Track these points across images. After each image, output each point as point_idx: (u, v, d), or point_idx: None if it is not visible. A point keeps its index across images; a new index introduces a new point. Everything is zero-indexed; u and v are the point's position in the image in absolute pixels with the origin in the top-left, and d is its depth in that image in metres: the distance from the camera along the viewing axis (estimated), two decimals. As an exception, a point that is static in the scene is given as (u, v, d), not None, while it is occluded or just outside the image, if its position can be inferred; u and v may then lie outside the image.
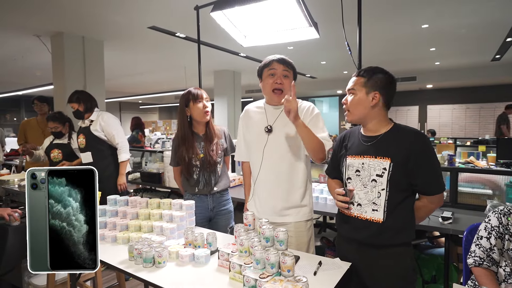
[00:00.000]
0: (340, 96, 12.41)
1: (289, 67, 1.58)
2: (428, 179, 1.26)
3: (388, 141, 1.30)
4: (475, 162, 3.60)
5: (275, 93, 1.58)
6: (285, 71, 1.57)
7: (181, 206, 1.67)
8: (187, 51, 5.67)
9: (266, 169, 1.60)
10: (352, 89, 1.33)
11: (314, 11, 3.58)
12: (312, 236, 1.66)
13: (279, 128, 1.58)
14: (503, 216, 1.34)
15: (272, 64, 1.57)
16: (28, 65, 6.39)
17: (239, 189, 3.15)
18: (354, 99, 1.32)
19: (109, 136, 2.71)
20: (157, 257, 1.30)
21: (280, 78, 1.56)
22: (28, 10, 3.67)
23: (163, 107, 17.06)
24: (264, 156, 1.59)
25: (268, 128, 1.59)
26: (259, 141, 1.61)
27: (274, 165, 1.58)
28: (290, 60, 1.60)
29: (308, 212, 1.62)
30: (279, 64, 1.56)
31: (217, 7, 1.90)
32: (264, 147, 1.59)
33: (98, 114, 2.75)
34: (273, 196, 1.59)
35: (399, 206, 1.27)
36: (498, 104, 9.79)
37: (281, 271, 1.11)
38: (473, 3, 3.72)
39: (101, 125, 2.69)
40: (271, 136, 1.58)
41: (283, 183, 1.57)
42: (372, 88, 1.29)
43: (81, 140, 2.72)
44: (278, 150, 1.57)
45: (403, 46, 5.82)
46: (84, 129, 2.73)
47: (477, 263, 1.33)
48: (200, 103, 1.87)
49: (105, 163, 2.71)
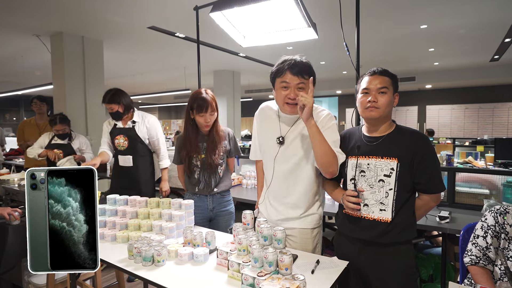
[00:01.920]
0: (340, 96, 12.42)
1: (305, 76, 1.38)
2: (431, 178, 1.30)
3: (393, 142, 1.33)
4: (473, 162, 3.61)
5: (288, 105, 1.43)
6: (300, 84, 1.38)
7: (180, 205, 1.68)
8: (187, 51, 5.68)
9: (278, 178, 1.54)
10: (385, 88, 1.33)
11: (313, 11, 3.59)
12: (319, 244, 1.59)
13: (291, 139, 1.50)
14: (499, 215, 1.36)
15: (285, 75, 1.38)
16: (27, 64, 6.40)
17: (238, 189, 3.16)
18: (387, 98, 1.33)
19: (153, 139, 2.59)
20: (156, 256, 1.32)
21: (293, 92, 1.38)
22: (27, 10, 3.67)
23: (163, 107, 17.05)
24: (275, 166, 1.54)
25: (280, 140, 1.51)
26: (271, 150, 1.55)
27: (285, 175, 1.52)
28: (308, 64, 1.40)
29: (316, 220, 1.54)
30: (292, 76, 1.37)
31: (216, 8, 1.91)
32: (275, 157, 1.53)
33: (140, 115, 2.61)
34: (283, 204, 1.53)
35: (405, 205, 1.32)
36: (496, 104, 9.82)
37: (279, 269, 1.12)
38: (472, 4, 3.73)
39: (146, 127, 2.56)
40: (282, 148, 1.51)
41: (294, 193, 1.51)
42: (395, 89, 1.37)
43: (121, 141, 2.53)
44: (289, 161, 1.50)
45: (402, 47, 5.84)
46: (126, 130, 2.55)
47: (473, 262, 1.35)
48: (202, 117, 1.83)
49: (145, 166, 2.60)
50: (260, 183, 1.74)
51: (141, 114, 2.62)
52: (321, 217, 1.57)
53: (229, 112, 8.13)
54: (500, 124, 9.55)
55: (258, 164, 1.74)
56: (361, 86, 1.39)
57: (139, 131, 2.54)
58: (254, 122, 1.72)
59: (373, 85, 1.34)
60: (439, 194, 1.35)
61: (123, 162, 2.55)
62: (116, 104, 2.47)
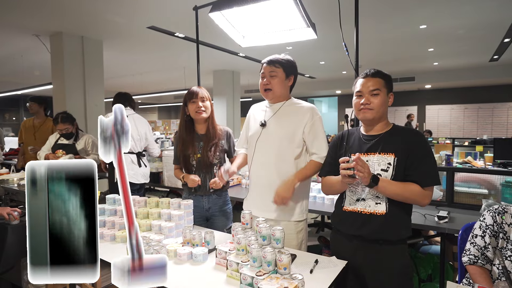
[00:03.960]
0: (339, 96, 12.43)
1: (276, 65, 1.62)
2: (424, 171, 1.32)
3: (390, 139, 1.38)
4: (472, 162, 3.62)
5: (265, 92, 1.66)
6: (272, 72, 1.62)
7: (179, 205, 1.69)
8: (186, 51, 5.68)
9: (257, 163, 1.65)
10: (377, 90, 1.38)
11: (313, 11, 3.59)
12: (304, 240, 1.61)
13: (273, 124, 1.63)
14: (497, 214, 1.36)
15: (262, 67, 1.66)
16: (27, 64, 6.39)
17: (238, 188, 3.16)
18: (380, 99, 1.38)
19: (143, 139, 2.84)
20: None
21: (267, 79, 1.63)
22: (27, 10, 3.67)
23: (162, 107, 17.05)
24: (256, 149, 1.65)
25: (262, 122, 1.65)
26: (254, 135, 1.68)
27: (265, 159, 1.62)
28: (281, 58, 1.63)
29: (298, 213, 1.59)
30: (266, 66, 1.64)
31: (216, 8, 1.91)
32: (256, 141, 1.65)
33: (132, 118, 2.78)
34: (263, 190, 1.61)
35: None
36: (496, 104, 9.83)
37: (278, 269, 1.13)
38: (471, 4, 3.74)
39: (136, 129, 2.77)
40: (264, 130, 1.64)
41: (273, 179, 1.57)
42: (390, 89, 1.42)
43: None
44: (269, 145, 1.62)
45: (402, 47, 5.84)
46: None
47: (472, 261, 1.35)
48: (194, 103, 1.87)
49: None
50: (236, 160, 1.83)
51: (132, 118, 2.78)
52: (303, 211, 1.62)
53: (229, 112, 8.13)
54: (499, 124, 9.56)
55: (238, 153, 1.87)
56: (355, 89, 1.45)
57: None
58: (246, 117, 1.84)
59: (366, 87, 1.39)
60: (430, 191, 1.33)
61: None
62: None
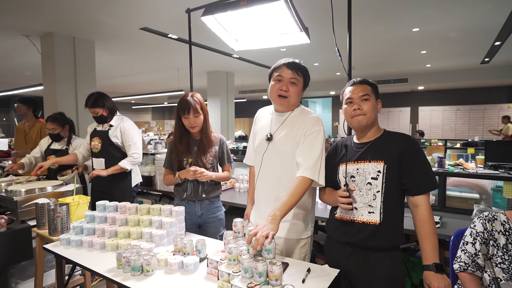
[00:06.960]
0: (333, 97, 12.48)
1: (299, 73, 1.46)
2: (420, 177, 1.31)
3: (380, 146, 1.37)
4: (464, 164, 3.64)
5: (279, 98, 1.48)
6: (293, 78, 1.46)
7: (171, 212, 1.66)
8: (180, 52, 5.65)
9: (264, 177, 1.56)
10: (367, 95, 1.39)
11: (306, 14, 3.59)
12: (307, 255, 1.54)
13: (279, 137, 1.52)
14: (487, 222, 1.37)
15: (281, 68, 1.47)
16: (17, 65, 6.29)
17: (231, 192, 3.15)
18: (370, 104, 1.39)
19: (127, 144, 2.52)
20: (146, 265, 1.30)
21: (286, 85, 1.46)
22: (16, 10, 3.61)
23: (156, 108, 16.95)
24: (263, 163, 1.55)
25: (268, 136, 1.54)
26: (260, 148, 1.57)
27: (271, 174, 1.52)
28: (303, 65, 1.49)
29: (301, 231, 1.51)
30: (287, 70, 1.46)
31: (208, 12, 1.89)
32: (263, 155, 1.55)
33: (118, 118, 2.58)
34: (268, 205, 1.48)
35: (393, 208, 1.33)
36: (487, 105, 9.97)
37: (269, 280, 1.11)
38: (463, 8, 3.78)
39: (121, 132, 2.52)
40: (270, 144, 1.53)
41: (279, 192, 1.47)
42: (377, 96, 1.43)
43: (96, 143, 2.53)
44: (276, 159, 1.51)
45: (395, 49, 5.88)
46: (101, 133, 2.53)
47: (462, 268, 1.36)
48: (186, 119, 1.82)
49: None
50: (251, 189, 1.72)
51: (120, 119, 2.59)
52: (308, 228, 1.54)
53: (223, 113, 8.10)
54: (490, 125, 9.68)
55: (251, 169, 1.73)
56: (344, 97, 1.45)
57: (112, 135, 2.51)
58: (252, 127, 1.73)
59: (356, 93, 1.40)
60: (428, 195, 1.33)
61: (96, 165, 2.54)
62: (100, 108, 2.48)
